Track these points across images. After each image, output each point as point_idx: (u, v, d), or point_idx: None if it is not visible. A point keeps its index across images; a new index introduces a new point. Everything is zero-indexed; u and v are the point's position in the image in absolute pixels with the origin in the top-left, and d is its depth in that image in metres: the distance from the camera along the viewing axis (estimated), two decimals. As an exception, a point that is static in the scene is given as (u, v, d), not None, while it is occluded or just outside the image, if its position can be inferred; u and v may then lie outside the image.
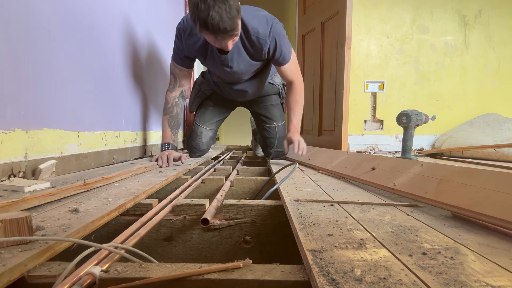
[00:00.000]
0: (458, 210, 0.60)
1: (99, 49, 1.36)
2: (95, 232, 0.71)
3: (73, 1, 1.16)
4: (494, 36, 2.98)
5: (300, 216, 0.61)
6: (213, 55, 1.46)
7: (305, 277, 0.40)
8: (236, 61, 1.47)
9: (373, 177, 0.96)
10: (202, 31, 1.14)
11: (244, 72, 1.56)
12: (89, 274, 0.39)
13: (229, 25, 1.11)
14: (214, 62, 1.49)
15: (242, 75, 1.59)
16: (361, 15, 2.89)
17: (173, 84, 1.57)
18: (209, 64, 1.54)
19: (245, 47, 1.44)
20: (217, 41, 1.19)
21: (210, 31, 1.12)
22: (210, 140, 1.90)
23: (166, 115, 1.57)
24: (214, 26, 1.09)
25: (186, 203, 0.79)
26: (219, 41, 1.18)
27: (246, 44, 1.42)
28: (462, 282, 0.34)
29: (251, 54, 1.47)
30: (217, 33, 1.13)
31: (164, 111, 1.58)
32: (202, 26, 1.11)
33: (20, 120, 0.92)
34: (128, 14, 1.65)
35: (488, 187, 0.60)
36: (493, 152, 2.20)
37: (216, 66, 1.51)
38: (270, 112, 1.87)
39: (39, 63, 0.99)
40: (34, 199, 0.66)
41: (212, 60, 1.49)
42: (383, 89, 2.96)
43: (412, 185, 0.79)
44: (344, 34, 2.00)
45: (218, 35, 1.14)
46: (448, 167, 0.77)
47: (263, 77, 1.70)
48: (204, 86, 1.85)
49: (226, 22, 1.10)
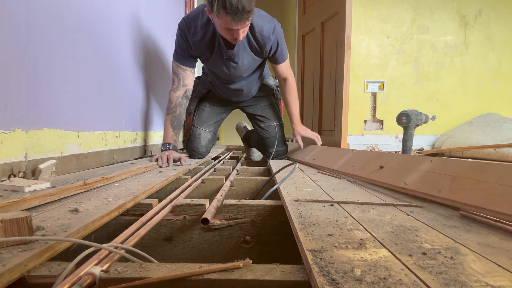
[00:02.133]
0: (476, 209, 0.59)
1: (99, 49, 1.36)
2: (95, 232, 0.71)
3: (74, 0, 1.16)
4: (494, 36, 2.98)
5: (300, 216, 0.61)
6: (220, 50, 1.49)
7: (305, 277, 0.40)
8: (241, 56, 1.52)
9: (382, 176, 0.95)
10: (219, 12, 1.18)
11: (246, 68, 1.60)
12: (89, 274, 0.39)
13: (248, 5, 1.17)
14: (219, 57, 1.51)
15: (243, 72, 1.62)
16: (361, 15, 2.89)
17: (177, 84, 1.58)
18: (214, 60, 1.55)
19: (250, 43, 1.49)
20: (233, 22, 1.21)
21: (228, 11, 1.17)
22: (209, 142, 1.90)
23: (169, 115, 1.57)
24: (232, 5, 1.15)
25: (186, 203, 0.79)
26: (235, 22, 1.21)
27: (251, 40, 1.47)
28: (462, 282, 0.34)
29: (254, 50, 1.52)
30: (235, 13, 1.17)
31: (167, 110, 1.58)
32: (221, 6, 1.16)
33: (20, 120, 0.92)
34: (128, 14, 1.65)
35: (503, 183, 0.58)
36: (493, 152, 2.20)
37: (221, 62, 1.54)
38: (267, 112, 1.90)
39: (39, 63, 0.99)
40: (34, 199, 0.66)
41: (218, 55, 1.51)
42: (383, 89, 2.96)
43: (424, 184, 0.77)
44: (344, 34, 1.99)
45: (236, 15, 1.18)
46: (459, 162, 0.75)
47: (257, 75, 1.75)
48: (199, 86, 1.87)
49: (244, 2, 1.16)
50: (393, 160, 0.99)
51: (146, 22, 1.92)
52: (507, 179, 0.59)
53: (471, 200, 0.61)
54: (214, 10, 1.20)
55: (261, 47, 1.51)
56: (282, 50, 1.56)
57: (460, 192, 0.65)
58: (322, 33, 2.38)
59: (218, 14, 1.20)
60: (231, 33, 1.28)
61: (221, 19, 1.23)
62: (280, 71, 1.67)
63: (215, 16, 1.24)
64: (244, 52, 1.51)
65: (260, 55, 1.56)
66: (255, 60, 1.57)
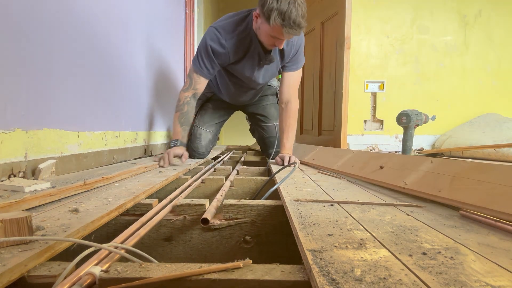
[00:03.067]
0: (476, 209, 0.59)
1: (99, 49, 1.36)
2: (95, 232, 0.71)
3: (74, 1, 1.16)
4: (494, 36, 2.98)
5: (300, 216, 0.61)
6: (253, 55, 1.51)
7: (305, 277, 0.40)
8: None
9: (382, 176, 0.95)
10: (276, 21, 1.23)
11: (269, 75, 1.65)
12: (89, 274, 0.39)
13: (303, 23, 1.25)
14: (250, 61, 1.54)
15: (266, 77, 1.66)
16: (361, 15, 2.89)
17: (188, 86, 1.61)
18: (243, 64, 1.56)
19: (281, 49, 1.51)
20: (285, 34, 1.27)
21: (285, 24, 1.23)
22: (210, 143, 1.90)
23: (177, 112, 1.60)
24: (290, 19, 1.21)
25: (186, 203, 0.79)
26: (287, 34, 1.27)
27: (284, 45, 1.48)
28: (462, 282, 0.34)
29: (284, 56, 1.55)
30: (291, 27, 1.23)
31: (176, 108, 1.61)
32: (279, 16, 1.22)
33: (20, 120, 0.92)
34: (128, 14, 1.65)
35: (504, 183, 0.58)
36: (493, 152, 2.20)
37: (249, 66, 1.56)
38: (267, 112, 1.90)
39: (39, 63, 0.99)
40: (34, 199, 0.66)
41: (250, 59, 1.53)
42: (383, 89, 2.96)
43: (423, 184, 0.77)
44: (343, 34, 1.99)
45: (291, 29, 1.24)
46: (460, 163, 0.75)
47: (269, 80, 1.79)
48: (204, 89, 1.87)
49: (301, 18, 1.23)
50: (393, 160, 0.99)
51: (146, 22, 1.92)
52: (508, 179, 0.59)
53: (471, 199, 0.61)
54: (271, 18, 1.24)
55: (287, 53, 1.53)
56: (298, 56, 1.57)
57: (460, 191, 0.65)
58: (322, 33, 2.38)
59: (273, 23, 1.24)
60: (274, 41, 1.33)
61: (273, 28, 1.27)
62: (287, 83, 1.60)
63: (266, 23, 1.27)
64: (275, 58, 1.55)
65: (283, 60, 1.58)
66: (278, 68, 1.61)
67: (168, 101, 2.36)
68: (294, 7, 1.21)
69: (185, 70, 2.85)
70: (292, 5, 1.21)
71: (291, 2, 1.21)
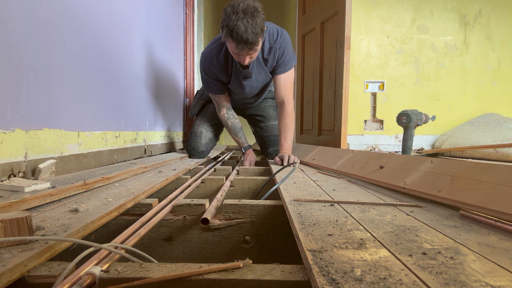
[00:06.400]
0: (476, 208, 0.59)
1: (100, 49, 1.36)
2: (95, 232, 0.71)
3: (74, 1, 1.16)
4: (494, 36, 2.98)
5: (300, 216, 0.61)
6: (236, 72, 1.57)
7: (305, 277, 0.40)
8: (255, 73, 1.58)
9: (382, 176, 0.95)
10: (227, 37, 1.27)
11: (261, 83, 1.68)
12: (89, 274, 0.39)
13: (251, 38, 1.24)
14: (236, 78, 1.60)
15: (257, 89, 1.71)
16: (361, 15, 2.89)
17: (218, 108, 1.77)
18: (232, 82, 1.63)
19: (263, 57, 1.54)
20: (237, 50, 1.30)
21: (233, 39, 1.25)
22: (210, 142, 1.90)
23: (229, 131, 1.79)
24: (238, 35, 1.23)
25: (186, 203, 0.79)
26: (238, 50, 1.30)
27: (265, 54, 1.53)
28: (462, 282, 0.34)
29: (265, 63, 1.56)
30: (239, 42, 1.25)
31: (227, 130, 1.81)
32: (228, 33, 1.25)
33: (20, 120, 0.92)
34: (128, 14, 1.65)
35: (504, 183, 0.58)
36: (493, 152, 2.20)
37: (237, 83, 1.62)
38: (266, 112, 1.93)
39: (39, 63, 0.99)
40: (34, 199, 0.66)
41: (235, 76, 1.59)
42: (383, 89, 2.96)
43: (423, 184, 0.77)
44: (343, 34, 1.99)
45: (239, 44, 1.26)
46: (460, 163, 0.75)
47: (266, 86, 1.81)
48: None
49: (249, 34, 1.23)
50: (393, 160, 0.99)
51: (146, 22, 1.92)
52: (508, 179, 0.59)
53: (471, 199, 0.61)
54: (223, 34, 1.28)
55: (272, 59, 1.54)
56: (285, 58, 1.54)
57: (460, 191, 0.65)
58: (322, 33, 2.38)
59: (226, 39, 1.29)
60: (239, 56, 1.36)
61: (229, 44, 1.32)
62: (278, 85, 1.59)
63: (224, 39, 1.31)
64: (258, 69, 1.56)
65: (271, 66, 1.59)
66: (267, 75, 1.63)
67: (168, 101, 2.36)
68: (242, 23, 1.21)
69: (185, 70, 2.85)
70: (240, 21, 1.21)
71: (239, 18, 1.21)
